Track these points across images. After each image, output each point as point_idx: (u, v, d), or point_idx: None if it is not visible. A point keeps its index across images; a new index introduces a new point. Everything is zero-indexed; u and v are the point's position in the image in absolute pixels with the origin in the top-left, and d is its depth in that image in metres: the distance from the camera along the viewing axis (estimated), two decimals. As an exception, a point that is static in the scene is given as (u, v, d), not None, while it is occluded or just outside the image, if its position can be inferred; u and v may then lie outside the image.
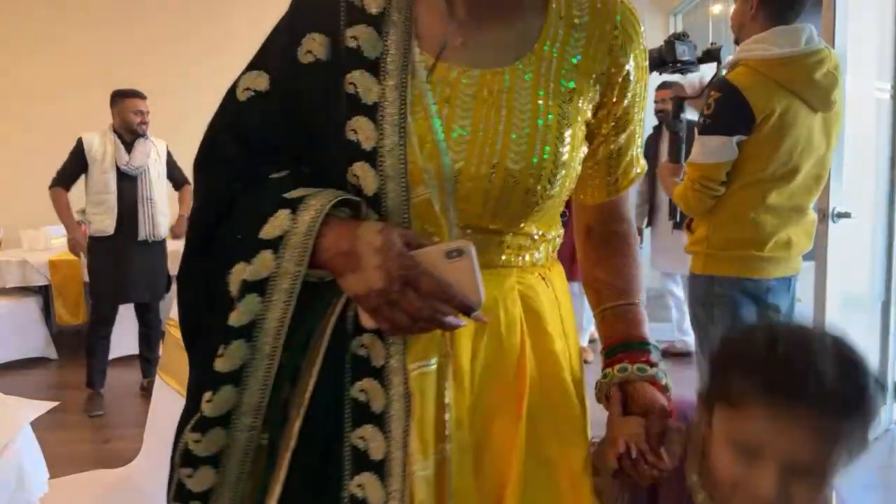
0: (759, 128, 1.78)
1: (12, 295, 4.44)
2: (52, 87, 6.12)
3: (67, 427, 3.28)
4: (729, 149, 1.79)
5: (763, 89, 1.77)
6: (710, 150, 1.83)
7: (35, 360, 4.46)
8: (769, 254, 1.86)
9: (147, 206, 3.58)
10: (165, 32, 6.15)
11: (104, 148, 3.53)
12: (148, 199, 3.59)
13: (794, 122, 1.78)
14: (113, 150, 3.53)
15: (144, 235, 3.58)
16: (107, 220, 3.52)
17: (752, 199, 1.84)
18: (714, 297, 1.90)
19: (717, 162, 1.82)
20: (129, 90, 3.58)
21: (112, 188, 3.52)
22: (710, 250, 1.91)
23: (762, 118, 1.76)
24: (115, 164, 3.53)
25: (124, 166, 3.52)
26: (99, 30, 6.10)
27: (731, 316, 1.86)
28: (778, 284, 1.90)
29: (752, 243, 1.86)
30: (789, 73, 1.77)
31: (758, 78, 1.79)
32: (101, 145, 3.53)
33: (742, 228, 1.86)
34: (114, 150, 3.53)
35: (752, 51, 1.82)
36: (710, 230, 1.91)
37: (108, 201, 3.52)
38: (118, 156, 3.52)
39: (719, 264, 1.90)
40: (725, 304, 1.88)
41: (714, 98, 1.83)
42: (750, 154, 1.81)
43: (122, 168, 3.52)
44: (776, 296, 1.90)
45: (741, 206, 1.86)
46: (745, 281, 1.87)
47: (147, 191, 3.59)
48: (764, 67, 1.78)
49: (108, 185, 3.52)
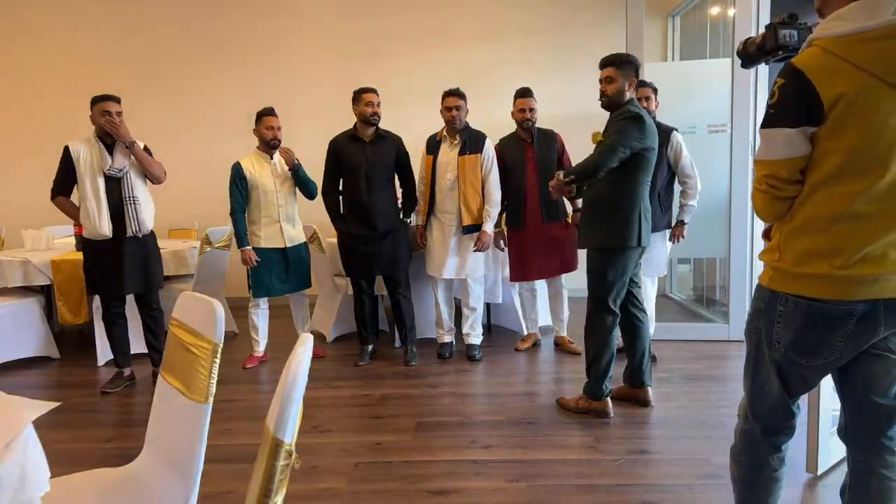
0: (828, 116, 1.50)
1: (15, 295, 4.47)
2: (54, 89, 6.14)
3: (69, 426, 3.30)
4: (796, 143, 1.55)
5: (832, 71, 1.48)
6: (773, 145, 1.58)
7: (37, 360, 4.48)
8: (853, 271, 1.53)
9: (131, 206, 3.68)
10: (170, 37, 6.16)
11: (90, 156, 3.62)
12: (131, 198, 3.68)
13: (875, 109, 1.47)
14: (98, 155, 3.62)
15: (132, 233, 3.69)
16: (103, 225, 3.62)
17: (832, 203, 1.54)
18: (776, 315, 1.66)
19: (781, 158, 1.57)
20: (103, 94, 3.65)
21: (102, 193, 3.62)
22: (780, 263, 1.64)
23: (831, 104, 1.49)
24: (101, 169, 3.61)
25: (108, 170, 3.61)
26: (99, 37, 6.11)
27: (793, 339, 1.63)
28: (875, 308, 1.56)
29: (831, 256, 1.55)
30: (867, 52, 1.47)
31: (828, 59, 1.49)
32: (87, 153, 3.62)
33: (817, 239, 1.56)
34: (99, 156, 3.62)
35: (828, 28, 1.52)
36: (783, 240, 1.63)
37: (100, 206, 3.62)
38: (103, 160, 3.62)
39: (786, 279, 1.62)
40: (790, 326, 1.63)
41: (778, 85, 1.56)
42: (824, 148, 1.54)
43: (107, 172, 3.62)
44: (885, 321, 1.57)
45: (817, 211, 1.56)
46: (817, 302, 1.58)
47: (130, 191, 3.67)
48: (837, 47, 1.49)
49: (98, 190, 3.62)
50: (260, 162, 4.10)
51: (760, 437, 1.77)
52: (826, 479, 2.57)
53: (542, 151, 4.17)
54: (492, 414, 3.32)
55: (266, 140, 4.07)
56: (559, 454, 2.83)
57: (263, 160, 4.11)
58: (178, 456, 1.61)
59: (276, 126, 4.08)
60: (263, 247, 4.09)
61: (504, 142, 4.32)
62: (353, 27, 6.10)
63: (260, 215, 4.09)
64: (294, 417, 1.15)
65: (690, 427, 3.09)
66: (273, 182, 4.09)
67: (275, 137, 4.06)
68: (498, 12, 6.07)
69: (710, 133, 4.62)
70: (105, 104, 3.60)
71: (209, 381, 1.55)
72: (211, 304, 1.59)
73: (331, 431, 3.16)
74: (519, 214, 4.22)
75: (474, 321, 4.36)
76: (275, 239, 4.12)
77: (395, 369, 4.13)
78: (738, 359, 4.06)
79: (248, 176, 4.04)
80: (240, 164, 4.06)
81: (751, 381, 1.77)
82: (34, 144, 6.12)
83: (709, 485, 2.53)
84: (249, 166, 4.06)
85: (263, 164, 4.10)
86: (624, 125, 2.99)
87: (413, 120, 5.40)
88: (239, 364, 4.27)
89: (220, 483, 2.63)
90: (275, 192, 4.09)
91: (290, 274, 4.21)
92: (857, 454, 1.72)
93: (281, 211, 4.12)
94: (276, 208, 4.10)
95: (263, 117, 4.07)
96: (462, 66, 6.02)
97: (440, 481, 2.61)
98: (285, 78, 6.11)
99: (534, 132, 4.18)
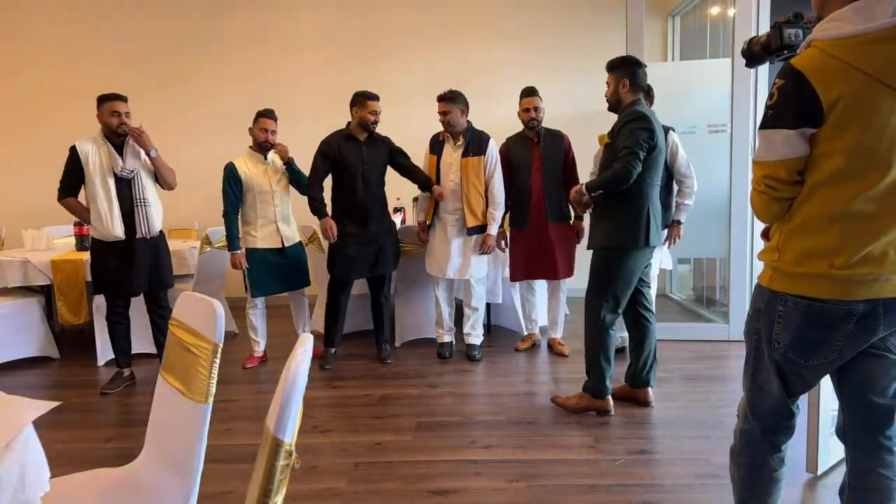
0: (828, 117, 1.50)
1: (14, 294, 4.47)
2: (52, 88, 6.14)
3: (69, 426, 3.30)
4: (794, 143, 1.55)
5: (832, 72, 1.48)
6: (771, 146, 1.58)
7: (37, 360, 4.48)
8: (853, 271, 1.53)
9: (142, 208, 3.68)
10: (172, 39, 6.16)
11: (99, 157, 3.60)
12: (142, 200, 3.68)
13: (875, 110, 1.48)
14: (108, 156, 3.60)
15: (142, 234, 3.68)
16: (116, 226, 3.62)
17: (831, 203, 1.54)
18: (776, 315, 1.65)
19: (779, 159, 1.57)
20: (110, 94, 3.64)
21: (114, 195, 3.61)
22: (779, 263, 1.63)
23: (830, 105, 1.49)
24: (112, 171, 3.60)
25: (119, 171, 3.60)
26: (98, 35, 6.11)
27: (792, 339, 1.63)
28: (875, 307, 1.55)
29: (830, 256, 1.54)
30: (865, 54, 1.47)
31: (826, 60, 1.49)
32: (96, 154, 3.61)
33: (816, 238, 1.56)
34: (109, 157, 3.60)
35: (826, 30, 1.53)
36: (783, 240, 1.63)
37: (112, 208, 3.61)
38: (113, 161, 3.60)
39: (785, 279, 1.62)
40: (790, 325, 1.63)
41: (777, 86, 1.56)
42: (823, 150, 1.53)
43: (118, 173, 3.61)
44: (884, 320, 1.57)
45: (817, 211, 1.56)
46: (817, 302, 1.57)
47: (140, 192, 3.67)
48: (836, 49, 1.49)
49: (109, 192, 3.60)
50: (254, 163, 4.07)
51: (760, 437, 1.77)
52: (826, 479, 2.57)
53: (548, 152, 4.15)
54: (492, 414, 3.32)
55: (258, 141, 4.05)
56: (559, 454, 2.83)
57: (257, 161, 4.09)
58: (177, 456, 1.61)
59: (271, 129, 4.06)
60: (260, 247, 4.09)
61: (511, 141, 4.31)
62: (354, 26, 6.10)
63: (256, 216, 4.07)
64: (294, 417, 1.15)
65: (690, 427, 3.09)
66: (269, 182, 4.08)
67: (267, 140, 4.04)
68: (498, 12, 6.07)
69: (710, 133, 4.62)
70: (113, 104, 3.59)
71: (209, 381, 1.55)
72: (211, 304, 1.59)
73: (331, 431, 3.16)
74: (522, 214, 4.21)
75: (475, 321, 4.36)
76: (272, 239, 4.11)
77: (396, 369, 4.13)
78: (738, 359, 4.06)
79: (243, 177, 4.01)
80: (234, 165, 4.01)
81: (750, 381, 1.78)
82: (34, 144, 6.12)
83: (709, 485, 2.53)
84: (244, 167, 4.02)
85: (258, 165, 4.08)
86: (633, 127, 3.00)
87: (413, 120, 5.41)
88: (239, 364, 4.27)
89: (220, 483, 2.63)
90: (271, 193, 4.08)
91: (287, 273, 4.21)
92: (855, 454, 1.72)
93: (277, 211, 4.11)
94: (273, 209, 4.09)
95: (260, 118, 4.06)
96: (462, 65, 6.02)
97: (440, 481, 2.61)
98: (286, 76, 6.11)
99: (541, 132, 4.17)
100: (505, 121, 5.04)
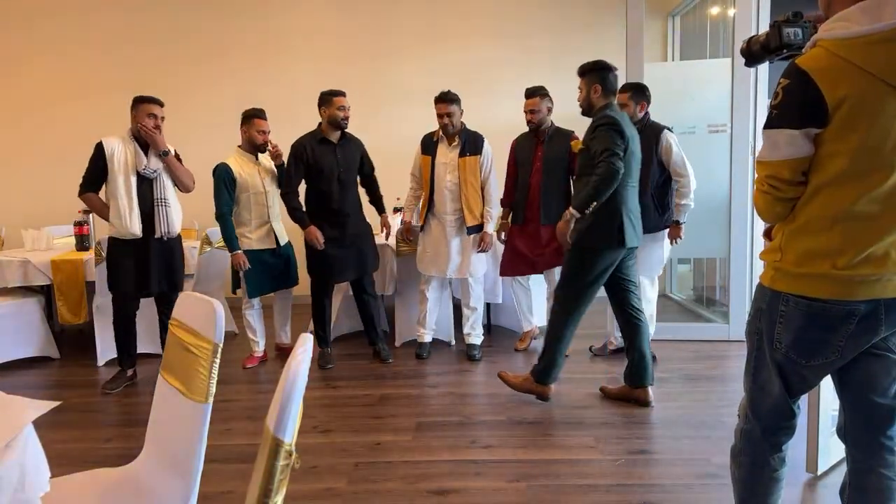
0: (833, 117, 1.49)
1: (14, 294, 4.46)
2: (53, 90, 6.13)
3: (69, 426, 3.30)
4: (798, 143, 1.54)
5: (837, 73, 1.47)
6: (776, 146, 1.57)
7: (37, 360, 4.48)
8: (855, 271, 1.52)
9: (162, 208, 3.68)
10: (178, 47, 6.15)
11: (125, 155, 3.61)
12: (163, 200, 3.68)
13: (880, 111, 1.47)
14: (133, 154, 3.61)
15: (160, 234, 3.69)
16: (134, 224, 3.61)
17: (835, 203, 1.53)
18: (777, 315, 1.65)
19: (784, 159, 1.56)
20: (147, 96, 3.65)
21: (134, 192, 3.61)
22: (782, 263, 1.62)
23: (835, 106, 1.48)
24: (135, 169, 3.60)
25: (143, 170, 3.60)
26: (98, 33, 6.11)
27: (794, 339, 1.63)
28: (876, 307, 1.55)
29: (833, 256, 1.54)
30: (871, 55, 1.46)
31: (832, 61, 1.48)
32: (122, 152, 3.61)
33: (819, 239, 1.55)
34: (134, 155, 3.61)
35: (832, 30, 1.51)
36: (785, 240, 1.62)
37: (132, 205, 3.61)
38: (137, 160, 3.61)
39: (787, 279, 1.61)
40: (791, 326, 1.62)
41: (782, 86, 1.54)
42: (828, 150, 1.52)
43: (141, 171, 3.61)
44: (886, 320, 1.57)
45: (820, 212, 1.55)
46: (819, 302, 1.57)
47: (161, 192, 3.68)
48: (842, 49, 1.48)
49: (130, 189, 3.60)
50: (247, 163, 4.06)
51: (761, 437, 1.77)
52: (826, 479, 2.57)
53: (550, 152, 4.14)
54: (492, 414, 3.32)
55: (255, 143, 4.04)
56: (559, 454, 2.83)
57: (250, 161, 4.08)
58: (177, 456, 1.61)
59: (267, 130, 4.06)
60: (256, 248, 4.08)
61: (520, 138, 4.33)
62: (353, 26, 6.09)
63: (250, 217, 4.06)
64: (294, 417, 1.15)
65: (690, 427, 3.09)
66: (262, 183, 4.07)
67: (265, 142, 4.05)
68: (498, 12, 6.06)
69: (710, 133, 4.62)
70: (151, 107, 3.62)
71: (209, 381, 1.55)
72: (211, 304, 1.59)
73: (331, 431, 3.16)
74: (522, 211, 4.22)
75: (475, 321, 4.35)
76: (267, 240, 4.11)
77: (396, 369, 4.12)
78: (738, 359, 4.06)
79: (237, 178, 4.00)
80: (228, 165, 3.98)
81: (751, 381, 1.77)
82: (34, 145, 6.12)
83: (709, 485, 2.53)
84: (238, 168, 4.01)
85: (251, 165, 4.07)
86: (603, 132, 3.09)
87: (412, 120, 5.40)
88: (239, 364, 4.27)
89: (220, 483, 2.63)
90: (264, 194, 4.07)
91: (280, 272, 4.22)
92: (856, 454, 1.72)
93: (271, 211, 4.11)
94: (267, 209, 4.09)
95: (254, 119, 4.03)
96: (462, 65, 6.01)
97: (440, 481, 2.61)
98: (283, 77, 6.10)
99: (547, 132, 4.16)
100: (505, 121, 5.04)
